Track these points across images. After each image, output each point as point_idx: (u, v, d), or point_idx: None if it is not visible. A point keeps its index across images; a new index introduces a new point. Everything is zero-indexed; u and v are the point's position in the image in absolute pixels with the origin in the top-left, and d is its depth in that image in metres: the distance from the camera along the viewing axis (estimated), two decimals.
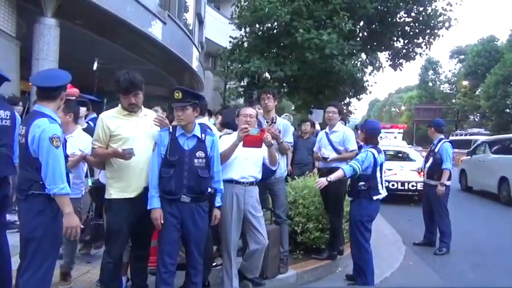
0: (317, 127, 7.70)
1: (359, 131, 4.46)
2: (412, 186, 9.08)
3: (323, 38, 10.42)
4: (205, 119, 3.72)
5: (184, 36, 14.02)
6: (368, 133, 3.98)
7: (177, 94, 2.81)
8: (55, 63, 7.93)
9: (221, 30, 19.26)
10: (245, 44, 12.52)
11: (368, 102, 78.13)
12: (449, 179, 5.33)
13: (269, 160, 3.40)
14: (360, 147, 6.72)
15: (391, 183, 8.93)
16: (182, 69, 14.62)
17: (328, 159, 4.41)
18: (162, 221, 2.78)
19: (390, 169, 9.39)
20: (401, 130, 11.73)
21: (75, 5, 8.20)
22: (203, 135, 2.94)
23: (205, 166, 2.90)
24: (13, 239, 2.91)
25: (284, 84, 13.11)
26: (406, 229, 6.60)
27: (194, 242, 2.95)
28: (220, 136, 3.47)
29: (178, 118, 2.83)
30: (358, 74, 11.19)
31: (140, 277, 3.13)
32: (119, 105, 2.95)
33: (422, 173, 7.17)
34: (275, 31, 12.08)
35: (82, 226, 2.60)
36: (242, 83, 13.44)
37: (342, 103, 13.78)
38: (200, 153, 2.89)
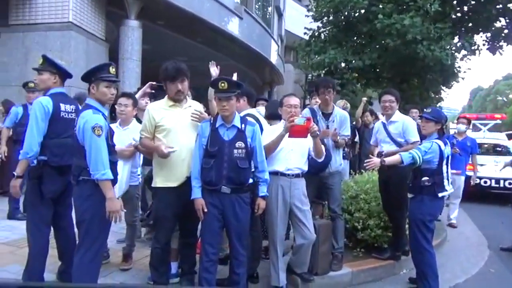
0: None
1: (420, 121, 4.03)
2: (510, 183, 8.02)
3: (404, 22, 9.67)
4: (252, 110, 3.69)
5: (262, 30, 14.13)
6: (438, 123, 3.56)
7: (222, 84, 2.79)
8: (138, 62, 8.58)
9: (302, 22, 19.04)
10: (322, 35, 12.17)
11: (469, 90, 70.91)
12: None
13: (314, 152, 3.24)
14: (452, 144, 6.17)
15: (483, 180, 8.00)
16: (261, 63, 14.76)
17: (384, 153, 4.04)
18: (205, 210, 2.82)
19: (482, 164, 8.42)
20: (498, 121, 10.36)
21: (156, 6, 8.75)
22: (243, 125, 2.91)
23: (245, 157, 2.86)
24: None
25: (364, 74, 12.49)
26: (495, 232, 5.85)
27: (236, 233, 2.94)
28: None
29: (222, 108, 2.81)
30: (447, 60, 10.14)
31: (188, 263, 3.24)
32: (166, 96, 3.06)
33: None
34: (352, 19, 11.54)
35: (125, 210, 2.74)
36: (318, 75, 13.12)
37: (431, 92, 12.73)
38: (239, 144, 2.86)
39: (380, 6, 10.33)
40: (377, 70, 11.86)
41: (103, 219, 2.63)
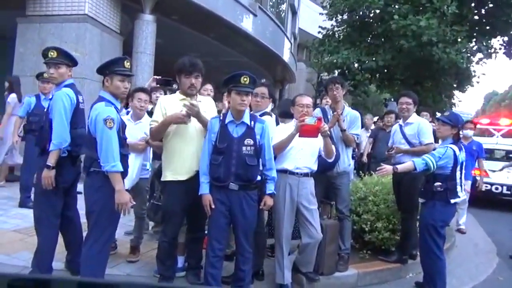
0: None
1: (436, 124, 3.99)
2: None
3: (420, 24, 9.55)
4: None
5: (275, 28, 14.08)
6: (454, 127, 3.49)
7: (245, 79, 2.80)
8: (151, 56, 8.63)
9: (316, 20, 18.91)
10: (336, 35, 12.08)
11: (483, 95, 69.78)
12: None
13: (324, 152, 3.22)
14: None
15: (494, 186, 7.89)
16: (273, 61, 14.73)
17: (393, 152, 4.02)
18: (213, 206, 2.82)
19: (494, 171, 8.32)
20: None
21: (171, 1, 8.78)
22: (252, 122, 2.91)
23: (254, 154, 2.86)
24: None
25: (377, 75, 12.38)
26: (505, 239, 5.77)
27: (242, 229, 2.95)
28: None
29: (242, 102, 2.81)
30: (462, 63, 10.00)
31: (195, 258, 3.27)
32: (178, 91, 3.08)
33: None
34: (367, 19, 11.44)
35: (134, 203, 2.76)
36: (331, 75, 13.03)
37: (444, 95, 12.56)
38: (248, 141, 2.86)
39: (396, 7, 10.20)
40: (390, 71, 11.72)
41: (112, 211, 2.66)
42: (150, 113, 3.59)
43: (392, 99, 11.91)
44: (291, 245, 3.45)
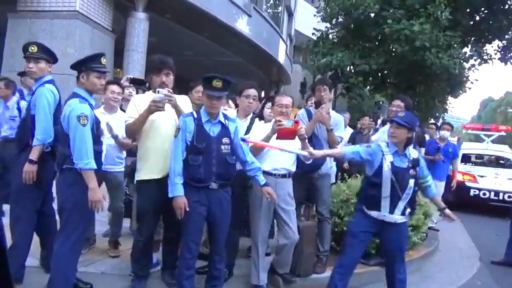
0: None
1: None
2: (509, 197, 7.93)
3: (413, 29, 9.58)
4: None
5: (270, 29, 14.10)
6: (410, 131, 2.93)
7: (217, 82, 2.75)
8: (143, 54, 8.60)
9: (312, 22, 18.91)
10: (330, 37, 12.10)
11: (479, 101, 70.11)
12: None
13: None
14: (438, 148, 6.14)
15: (482, 192, 7.94)
16: (268, 62, 14.74)
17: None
18: (187, 209, 2.76)
19: (483, 176, 8.36)
20: (503, 133, 10.23)
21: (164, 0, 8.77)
22: (226, 121, 2.90)
23: (231, 152, 2.87)
24: None
25: (370, 79, 12.41)
26: (490, 245, 5.78)
27: (221, 228, 2.93)
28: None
29: (212, 106, 2.79)
30: (454, 69, 10.04)
31: (171, 258, 3.24)
32: (151, 89, 3.08)
33: None
34: (362, 22, 11.46)
35: (107, 200, 2.74)
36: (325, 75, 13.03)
37: (437, 100, 12.61)
38: (226, 139, 2.85)
39: (391, 11, 10.23)
40: (384, 75, 11.75)
41: (84, 209, 2.63)
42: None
43: (382, 102, 11.93)
44: (271, 246, 3.45)
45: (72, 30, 7.15)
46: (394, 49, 10.19)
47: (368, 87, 12.93)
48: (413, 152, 3.01)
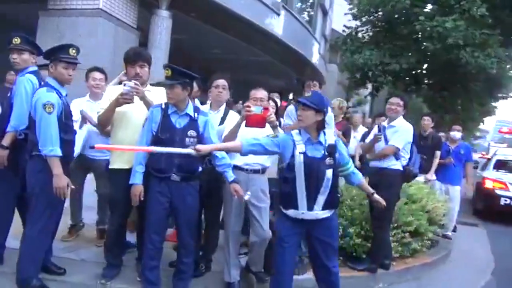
0: None
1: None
2: None
3: (446, 25, 9.05)
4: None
5: (301, 28, 13.91)
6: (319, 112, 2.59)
7: (167, 71, 2.77)
8: (165, 52, 8.77)
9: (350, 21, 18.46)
10: (360, 35, 11.72)
11: None
12: None
13: None
14: (448, 151, 5.73)
15: (504, 199, 7.39)
16: (299, 61, 14.53)
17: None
18: (142, 198, 2.79)
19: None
20: None
21: None
22: (195, 114, 2.87)
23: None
24: None
25: (404, 79, 11.86)
26: (510, 258, 5.33)
27: (185, 221, 2.91)
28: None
29: (167, 95, 2.80)
30: (492, 68, 9.37)
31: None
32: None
33: None
34: (393, 19, 10.99)
35: (73, 187, 2.79)
36: (355, 77, 12.59)
37: (476, 103, 11.83)
38: (191, 132, 2.82)
39: (423, 7, 9.73)
40: (417, 75, 11.20)
41: (51, 195, 2.71)
42: None
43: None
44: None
45: (94, 28, 7.43)
46: (426, 48, 9.65)
47: (401, 88, 12.31)
48: (329, 138, 2.64)
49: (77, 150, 3.36)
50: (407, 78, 11.43)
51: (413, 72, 11.07)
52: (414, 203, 4.46)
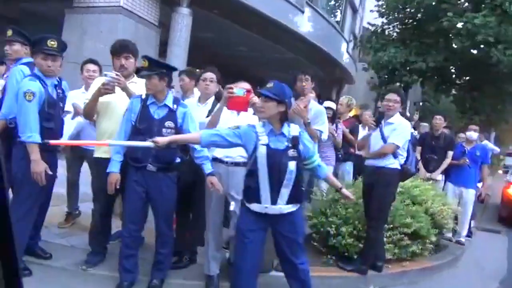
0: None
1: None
2: None
3: (475, 21, 8.60)
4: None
5: (328, 26, 13.65)
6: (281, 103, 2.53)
7: (143, 62, 2.82)
8: (184, 49, 8.88)
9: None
10: (386, 32, 11.34)
11: None
12: None
13: None
14: (463, 152, 5.43)
15: None
16: (326, 60, 14.28)
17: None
18: (117, 186, 2.84)
19: None
20: None
21: None
22: (175, 106, 2.89)
23: None
24: None
25: (433, 77, 11.37)
26: None
27: (161, 212, 2.95)
28: None
29: (145, 86, 2.85)
30: None
31: None
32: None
33: None
34: (421, 16, 10.56)
35: (51, 173, 2.88)
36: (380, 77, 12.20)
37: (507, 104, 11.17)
38: (169, 123, 2.84)
39: (452, 3, 9.29)
40: (445, 74, 10.71)
41: (34, 182, 2.81)
42: None
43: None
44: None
45: (115, 25, 7.65)
46: (454, 45, 9.22)
47: (430, 88, 11.85)
48: (293, 130, 2.58)
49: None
50: (433, 77, 10.95)
51: (442, 71, 10.58)
52: (415, 205, 4.26)
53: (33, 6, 9.54)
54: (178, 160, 2.94)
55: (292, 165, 2.48)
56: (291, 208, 2.56)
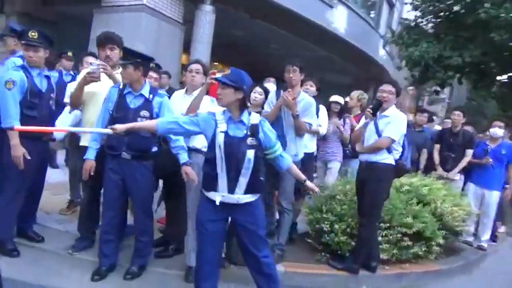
0: None
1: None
2: None
3: None
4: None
5: (361, 22, 13.27)
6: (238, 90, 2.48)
7: (120, 52, 2.87)
8: (207, 45, 8.97)
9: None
10: (419, 26, 10.76)
11: None
12: None
13: None
14: (486, 150, 5.01)
15: None
16: (361, 57, 13.87)
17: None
18: (92, 173, 2.91)
19: None
20: None
21: None
22: (151, 96, 2.91)
23: None
24: None
25: (471, 74, 10.66)
26: None
27: (138, 200, 3.00)
28: None
29: (121, 75, 2.90)
30: None
31: None
32: None
33: None
34: (459, 8, 9.91)
35: (29, 158, 2.97)
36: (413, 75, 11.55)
37: None
38: (144, 113, 2.87)
39: None
40: (485, 69, 10.00)
41: (13, 165, 2.94)
42: None
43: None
44: None
45: (137, 23, 7.87)
46: (492, 39, 8.58)
47: (470, 84, 11.13)
48: (253, 118, 2.51)
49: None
50: (471, 73, 10.25)
51: (481, 66, 9.90)
52: (420, 204, 4.00)
53: (68, 9, 10.05)
54: (155, 149, 2.96)
55: (250, 153, 2.41)
56: (249, 198, 2.49)
